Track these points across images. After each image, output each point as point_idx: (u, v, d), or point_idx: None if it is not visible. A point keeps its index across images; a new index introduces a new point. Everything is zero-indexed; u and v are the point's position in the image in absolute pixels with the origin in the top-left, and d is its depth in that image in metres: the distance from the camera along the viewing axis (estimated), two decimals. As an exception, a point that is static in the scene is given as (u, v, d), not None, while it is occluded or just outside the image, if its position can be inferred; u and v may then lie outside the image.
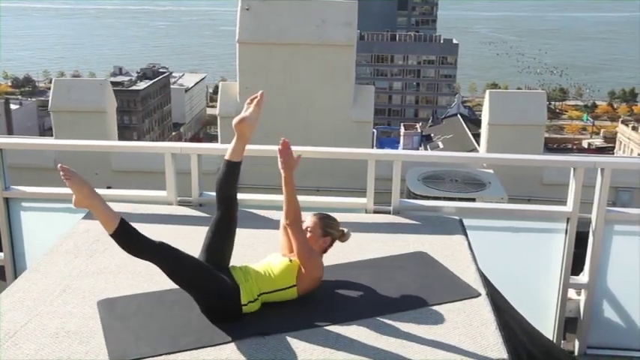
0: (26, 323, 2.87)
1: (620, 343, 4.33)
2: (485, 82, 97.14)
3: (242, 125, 3.03)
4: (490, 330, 2.90)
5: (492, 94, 6.73)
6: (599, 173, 4.07)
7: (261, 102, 3.08)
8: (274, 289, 2.96)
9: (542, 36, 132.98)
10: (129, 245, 2.82)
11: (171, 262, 2.84)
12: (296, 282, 2.97)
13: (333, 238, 3.13)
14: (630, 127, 67.05)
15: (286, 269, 2.98)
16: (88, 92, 6.77)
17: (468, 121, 65.61)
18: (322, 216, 3.14)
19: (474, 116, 72.17)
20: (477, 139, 55.90)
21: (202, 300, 2.87)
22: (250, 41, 6.49)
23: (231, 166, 3.02)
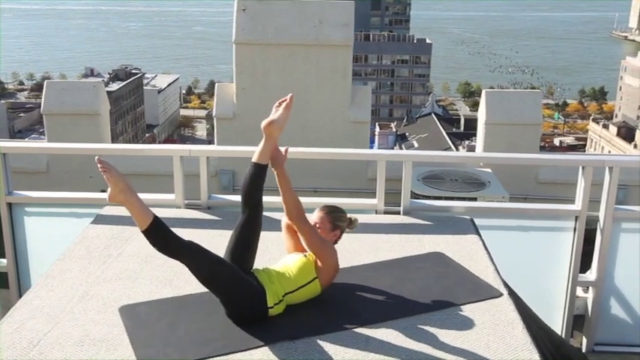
0: (49, 331, 2.81)
1: (628, 339, 4.38)
2: (458, 81, 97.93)
3: (270, 127, 2.98)
4: (518, 330, 2.90)
5: (489, 94, 6.78)
6: (607, 172, 4.10)
7: (290, 105, 3.04)
8: (297, 287, 2.94)
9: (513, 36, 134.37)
10: (160, 243, 2.79)
11: (201, 262, 2.82)
12: (316, 274, 2.97)
13: (342, 231, 3.13)
14: (601, 125, 68.02)
15: (304, 265, 2.98)
16: (81, 95, 6.66)
17: (442, 120, 66.12)
18: (329, 209, 3.14)
19: (447, 115, 72.75)
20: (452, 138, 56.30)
21: (229, 302, 2.84)
22: (247, 42, 6.45)
23: (258, 169, 2.97)
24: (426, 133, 60.11)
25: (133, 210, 2.77)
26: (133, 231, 3.80)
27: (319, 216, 3.10)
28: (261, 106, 6.73)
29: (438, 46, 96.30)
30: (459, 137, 59.09)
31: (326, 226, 3.07)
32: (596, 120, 72.47)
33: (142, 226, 2.76)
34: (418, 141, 57.87)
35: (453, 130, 63.09)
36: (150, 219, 2.75)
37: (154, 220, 2.75)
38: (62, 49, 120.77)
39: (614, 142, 62.74)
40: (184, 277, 3.29)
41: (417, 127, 64.08)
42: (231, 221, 4.11)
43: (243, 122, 6.57)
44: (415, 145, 54.63)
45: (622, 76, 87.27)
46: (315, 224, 3.06)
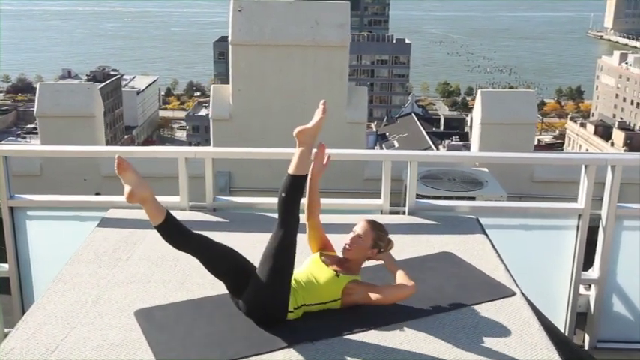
0: (66, 336, 2.78)
1: (630, 336, 4.44)
2: (437, 81, 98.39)
3: (301, 134, 2.89)
4: (534, 328, 2.93)
5: (484, 94, 6.82)
6: (609, 170, 4.15)
7: (324, 110, 2.99)
8: (317, 302, 2.92)
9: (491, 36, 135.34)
10: (173, 238, 2.82)
11: (213, 257, 2.85)
12: (341, 296, 2.93)
13: (379, 250, 3.06)
14: (578, 124, 68.77)
15: (332, 284, 2.92)
16: (75, 97, 6.60)
17: (422, 119, 66.42)
18: (376, 227, 3.05)
19: (427, 115, 73.12)
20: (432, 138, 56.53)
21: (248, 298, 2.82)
22: (243, 43, 6.43)
23: (295, 181, 2.85)
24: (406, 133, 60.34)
25: (148, 208, 2.79)
26: (141, 234, 3.80)
27: (364, 228, 3.02)
28: (257, 107, 6.76)
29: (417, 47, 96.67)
30: (439, 137, 59.40)
31: (367, 242, 3.00)
32: (574, 119, 73.24)
33: (155, 221, 2.78)
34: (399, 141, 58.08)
35: (433, 129, 63.41)
36: (163, 215, 2.77)
37: (166, 217, 2.78)
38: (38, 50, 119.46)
39: (591, 141, 63.44)
40: (197, 279, 3.29)
41: (397, 126, 64.30)
42: (236, 223, 4.13)
43: (239, 123, 6.56)
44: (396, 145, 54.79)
45: (598, 75, 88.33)
46: (358, 235, 3.00)
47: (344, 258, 3.03)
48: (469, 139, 58.86)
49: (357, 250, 3.01)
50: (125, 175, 2.77)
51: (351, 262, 3.02)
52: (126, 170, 2.77)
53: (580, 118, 76.19)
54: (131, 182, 2.77)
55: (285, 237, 2.86)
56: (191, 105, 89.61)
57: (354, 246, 3.00)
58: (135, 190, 2.76)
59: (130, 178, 2.77)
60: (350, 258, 3.02)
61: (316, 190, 3.17)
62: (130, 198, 2.77)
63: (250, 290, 2.84)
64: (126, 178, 2.78)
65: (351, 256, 3.02)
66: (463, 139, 57.96)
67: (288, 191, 2.86)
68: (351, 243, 3.01)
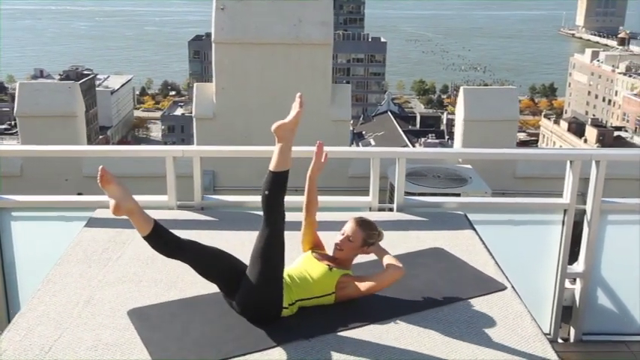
0: (59, 337, 2.75)
1: (615, 328, 4.51)
2: (412, 79, 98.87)
3: (279, 129, 2.86)
4: (526, 322, 2.96)
5: (466, 91, 6.87)
6: (593, 165, 4.20)
7: (301, 104, 2.98)
8: (312, 297, 2.92)
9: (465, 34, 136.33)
10: (162, 248, 2.81)
11: (203, 262, 2.84)
12: (335, 290, 2.94)
13: (369, 246, 3.06)
14: (552, 121, 69.56)
15: (325, 278, 2.93)
16: (56, 96, 6.52)
17: (398, 117, 66.77)
18: (364, 226, 3.04)
19: (403, 113, 73.46)
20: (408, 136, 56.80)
21: (242, 299, 2.81)
22: (226, 41, 6.40)
23: (277, 177, 2.84)
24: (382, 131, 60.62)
25: (135, 219, 2.76)
26: (130, 234, 3.76)
27: (353, 229, 3.00)
28: (241, 106, 6.73)
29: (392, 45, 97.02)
30: (416, 135, 59.75)
31: (357, 243, 3.00)
32: (548, 116, 74.05)
33: (143, 232, 2.76)
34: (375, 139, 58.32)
35: (409, 127, 63.75)
36: (150, 225, 2.75)
37: (154, 227, 2.76)
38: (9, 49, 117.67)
39: (565, 138, 64.21)
40: (188, 278, 3.27)
41: (373, 125, 64.57)
42: (225, 222, 4.12)
43: (223, 122, 6.53)
44: (372, 144, 54.97)
45: (571, 73, 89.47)
46: (348, 237, 3.00)
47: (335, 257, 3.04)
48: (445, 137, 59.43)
49: (348, 251, 3.02)
50: (109, 188, 2.72)
51: (343, 259, 3.04)
52: (109, 183, 2.72)
53: (554, 115, 77.06)
54: (115, 195, 2.72)
55: (271, 235, 2.85)
56: (166, 104, 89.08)
57: (344, 247, 3.01)
58: (120, 203, 2.72)
59: (114, 191, 2.72)
60: (341, 258, 3.03)
61: (314, 189, 3.18)
62: (116, 211, 2.73)
63: (242, 291, 2.83)
64: (110, 191, 2.72)
65: (342, 256, 3.03)
66: (439, 136, 58.37)
67: (271, 188, 2.85)
68: (341, 245, 3.01)
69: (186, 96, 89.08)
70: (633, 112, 71.30)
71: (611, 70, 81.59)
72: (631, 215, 4.38)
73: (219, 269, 2.86)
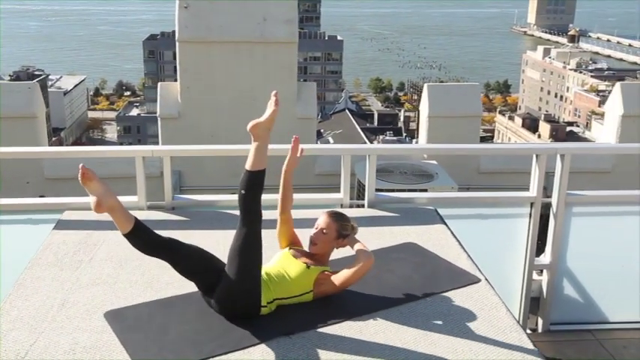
0: (35, 342, 2.70)
1: (581, 318, 4.61)
2: (369, 77, 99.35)
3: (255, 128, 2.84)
4: (502, 313, 3.01)
5: (431, 88, 6.94)
6: (558, 159, 4.29)
7: (276, 102, 2.96)
8: (290, 296, 2.92)
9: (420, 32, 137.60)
10: (142, 245, 2.79)
11: (183, 259, 2.82)
12: (313, 288, 2.95)
13: (344, 238, 3.07)
14: (507, 117, 70.73)
15: (303, 277, 2.94)
16: (15, 96, 6.37)
17: (356, 115, 67.06)
18: (337, 218, 3.06)
19: (361, 111, 73.81)
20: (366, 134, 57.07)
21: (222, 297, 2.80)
22: (190, 40, 6.34)
23: (254, 176, 2.81)
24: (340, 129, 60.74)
25: (116, 216, 2.73)
26: (100, 235, 3.72)
27: (326, 222, 3.02)
28: (206, 105, 6.69)
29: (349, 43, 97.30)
30: (373, 132, 60.11)
31: (332, 235, 3.01)
32: (502, 112, 75.24)
33: (124, 230, 2.73)
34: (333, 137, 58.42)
35: (367, 125, 64.08)
36: (131, 223, 2.73)
37: (135, 224, 2.74)
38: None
39: (519, 133, 65.35)
40: (164, 279, 3.25)
41: (331, 123, 64.64)
42: (197, 221, 4.09)
43: (188, 121, 6.48)
44: (331, 142, 55.08)
45: (524, 70, 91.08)
46: (322, 230, 3.01)
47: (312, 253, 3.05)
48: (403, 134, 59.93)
49: (324, 245, 3.03)
50: (90, 185, 2.70)
51: (320, 255, 3.05)
52: (91, 180, 2.70)
53: (508, 111, 78.32)
54: (97, 192, 2.70)
55: (248, 234, 2.83)
56: (121, 105, 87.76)
57: (319, 241, 3.02)
58: (102, 200, 2.69)
59: (95, 188, 2.70)
60: (318, 252, 3.04)
61: (290, 184, 3.18)
62: (97, 208, 2.70)
63: (221, 289, 2.82)
64: (91, 188, 2.70)
65: (318, 251, 3.04)
66: (397, 134, 58.84)
67: (248, 187, 2.82)
68: (316, 238, 3.03)
69: (142, 96, 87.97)
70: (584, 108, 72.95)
71: (562, 66, 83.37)
72: (595, 207, 4.49)
73: (198, 267, 2.84)
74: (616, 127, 6.83)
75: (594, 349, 4.41)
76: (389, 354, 2.66)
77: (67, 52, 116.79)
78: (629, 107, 6.83)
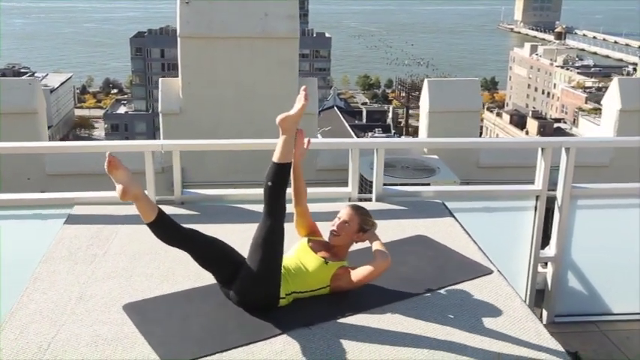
0: (56, 334, 2.71)
1: (585, 309, 4.67)
2: (357, 74, 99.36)
3: (284, 122, 2.89)
4: (516, 303, 3.05)
5: (431, 83, 6.98)
6: (563, 152, 4.34)
7: (306, 97, 2.98)
8: (307, 290, 2.95)
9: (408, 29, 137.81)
10: (165, 234, 2.82)
11: (203, 250, 2.86)
12: (330, 283, 2.97)
13: (364, 232, 3.10)
14: (495, 114, 71.01)
15: (321, 272, 2.95)
16: (16, 92, 6.34)
17: (345, 112, 67.06)
18: (361, 212, 3.10)
19: (349, 108, 73.82)
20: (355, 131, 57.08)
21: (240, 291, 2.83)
22: (192, 35, 6.34)
23: (282, 169, 2.85)
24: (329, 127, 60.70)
25: (141, 205, 2.76)
26: (112, 229, 3.74)
27: (349, 214, 3.04)
28: (208, 100, 6.69)
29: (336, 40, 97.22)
30: (362, 129, 60.12)
31: (353, 227, 3.03)
32: (490, 109, 75.49)
33: (147, 219, 2.76)
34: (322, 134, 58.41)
35: (355, 122, 64.11)
36: (155, 212, 2.76)
37: (159, 213, 2.77)
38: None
39: (507, 130, 65.62)
40: (179, 272, 3.27)
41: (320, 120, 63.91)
42: (206, 216, 4.10)
43: (189, 117, 6.47)
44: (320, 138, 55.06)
45: (511, 67, 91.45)
46: (344, 221, 3.03)
47: (331, 244, 3.07)
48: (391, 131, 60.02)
49: (345, 236, 3.05)
50: (117, 174, 2.72)
51: (339, 248, 3.07)
52: (117, 168, 2.72)
53: (495, 108, 78.60)
54: (123, 180, 2.72)
55: (273, 226, 2.86)
56: (108, 103, 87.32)
57: (341, 232, 3.04)
58: (128, 188, 2.72)
59: (121, 176, 2.72)
60: (337, 244, 3.06)
61: (301, 176, 3.19)
62: (123, 196, 2.72)
63: (242, 280, 2.84)
64: (117, 176, 2.73)
65: (338, 242, 3.06)
66: (386, 131, 58.93)
67: (275, 179, 2.86)
68: (338, 229, 3.04)
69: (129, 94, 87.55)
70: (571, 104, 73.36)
71: (549, 63, 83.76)
72: (599, 200, 4.55)
73: (218, 258, 2.86)
74: (614, 122, 6.91)
75: (599, 340, 4.47)
76: (408, 343, 2.70)
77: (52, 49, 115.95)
78: (627, 102, 6.91)
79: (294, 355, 2.60)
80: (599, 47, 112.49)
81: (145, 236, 3.66)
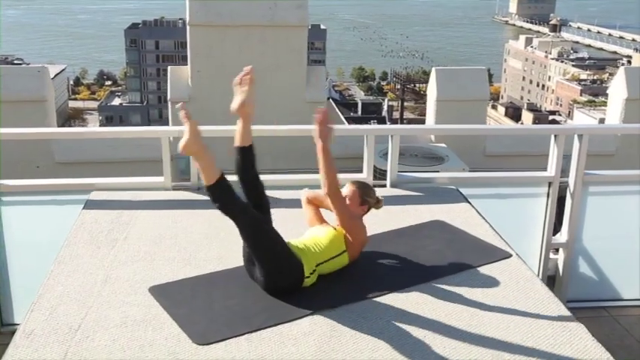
0: (85, 316, 2.73)
1: (596, 295, 4.72)
2: (351, 66, 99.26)
3: (244, 108, 3.03)
4: (537, 285, 3.09)
5: (439, 72, 7.01)
6: (576, 139, 4.37)
7: (252, 79, 3.05)
8: (328, 258, 3.00)
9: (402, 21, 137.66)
10: (222, 199, 2.75)
11: (254, 224, 2.81)
12: (346, 248, 3.04)
13: (369, 206, 3.20)
14: (490, 106, 71.13)
15: (334, 237, 3.03)
16: (25, 80, 6.34)
17: (340, 104, 67.09)
18: (360, 185, 3.22)
19: (344, 100, 73.85)
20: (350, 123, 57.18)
21: (270, 270, 2.84)
22: (201, 23, 6.34)
23: (245, 152, 3.00)
24: (325, 119, 60.59)
25: (203, 163, 2.73)
26: (131, 214, 3.76)
27: (350, 190, 3.16)
28: (217, 88, 6.68)
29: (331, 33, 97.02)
30: (358, 121, 60.10)
31: (355, 200, 3.13)
32: (485, 101, 75.53)
33: (208, 181, 2.72)
34: (317, 126, 58.28)
35: (351, 114, 64.16)
36: (218, 174, 2.71)
37: (221, 176, 2.72)
38: None
39: (502, 122, 65.77)
40: (201, 255, 3.30)
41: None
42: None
43: (199, 105, 6.47)
44: (316, 130, 54.96)
45: (506, 59, 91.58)
46: (346, 197, 3.12)
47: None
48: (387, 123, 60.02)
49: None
50: (190, 124, 2.74)
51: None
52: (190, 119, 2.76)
53: (490, 100, 78.71)
54: (193, 131, 2.73)
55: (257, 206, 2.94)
56: (102, 94, 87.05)
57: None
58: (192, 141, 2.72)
59: (193, 127, 2.74)
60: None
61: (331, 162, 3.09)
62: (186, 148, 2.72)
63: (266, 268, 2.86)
64: (191, 126, 2.74)
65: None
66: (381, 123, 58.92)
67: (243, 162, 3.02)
68: None
69: (123, 85, 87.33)
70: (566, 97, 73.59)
71: (544, 55, 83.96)
72: (610, 187, 4.59)
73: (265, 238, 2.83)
74: (620, 111, 6.95)
75: (610, 325, 4.52)
76: (433, 325, 2.72)
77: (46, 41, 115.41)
78: (633, 91, 6.96)
79: (323, 335, 2.63)
80: (594, 40, 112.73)
81: (165, 221, 3.73)
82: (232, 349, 2.54)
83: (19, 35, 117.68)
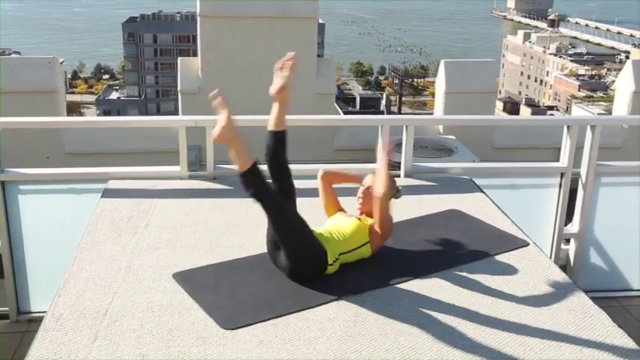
0: (112, 301, 2.76)
1: (606, 285, 4.76)
2: (349, 61, 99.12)
3: (283, 93, 3.03)
4: (556, 273, 3.13)
5: (447, 64, 7.03)
6: (588, 130, 4.41)
7: (294, 65, 3.07)
8: (351, 249, 3.02)
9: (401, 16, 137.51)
10: (257, 184, 2.78)
11: (283, 211, 2.84)
12: (369, 239, 3.06)
13: (391, 197, 3.21)
14: (488, 101, 71.11)
15: (358, 228, 3.05)
16: (36, 71, 6.34)
17: (338, 99, 67.05)
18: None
19: (343, 95, 73.79)
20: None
21: (296, 257, 2.87)
22: (212, 14, 6.36)
23: (279, 136, 3.01)
24: (323, 113, 60.68)
25: (237, 150, 2.74)
26: (150, 203, 3.79)
27: (372, 178, 3.18)
28: (227, 79, 6.70)
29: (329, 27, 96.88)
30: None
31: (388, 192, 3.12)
32: (483, 96, 75.55)
33: (244, 167, 2.74)
34: (316, 120, 58.35)
35: (349, 109, 64.17)
36: (251, 161, 2.74)
37: (255, 163, 2.75)
38: None
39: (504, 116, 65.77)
40: (222, 242, 3.33)
41: (314, 106, 64.49)
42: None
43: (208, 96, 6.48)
44: (314, 125, 55.00)
45: (504, 54, 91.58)
46: (367, 188, 3.15)
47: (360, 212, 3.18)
48: (385, 118, 59.98)
49: (370, 201, 3.13)
50: (224, 112, 2.75)
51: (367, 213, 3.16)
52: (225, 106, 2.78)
53: (488, 95, 78.62)
54: (227, 121, 2.74)
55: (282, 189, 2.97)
56: (100, 88, 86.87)
57: (366, 197, 3.15)
58: (227, 128, 2.74)
59: (227, 116, 2.75)
60: (365, 211, 3.16)
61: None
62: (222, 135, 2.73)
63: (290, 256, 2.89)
64: (225, 115, 2.75)
65: (365, 208, 3.16)
66: (380, 117, 58.88)
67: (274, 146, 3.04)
68: (363, 196, 3.17)
69: (121, 79, 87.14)
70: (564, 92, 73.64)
71: (542, 51, 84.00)
72: (622, 177, 4.62)
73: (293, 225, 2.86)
74: (627, 104, 6.99)
75: (621, 315, 4.55)
76: (456, 311, 2.75)
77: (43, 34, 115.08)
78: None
79: (348, 320, 2.66)
80: (592, 35, 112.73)
81: (183, 209, 3.76)
82: (259, 332, 2.57)
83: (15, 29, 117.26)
